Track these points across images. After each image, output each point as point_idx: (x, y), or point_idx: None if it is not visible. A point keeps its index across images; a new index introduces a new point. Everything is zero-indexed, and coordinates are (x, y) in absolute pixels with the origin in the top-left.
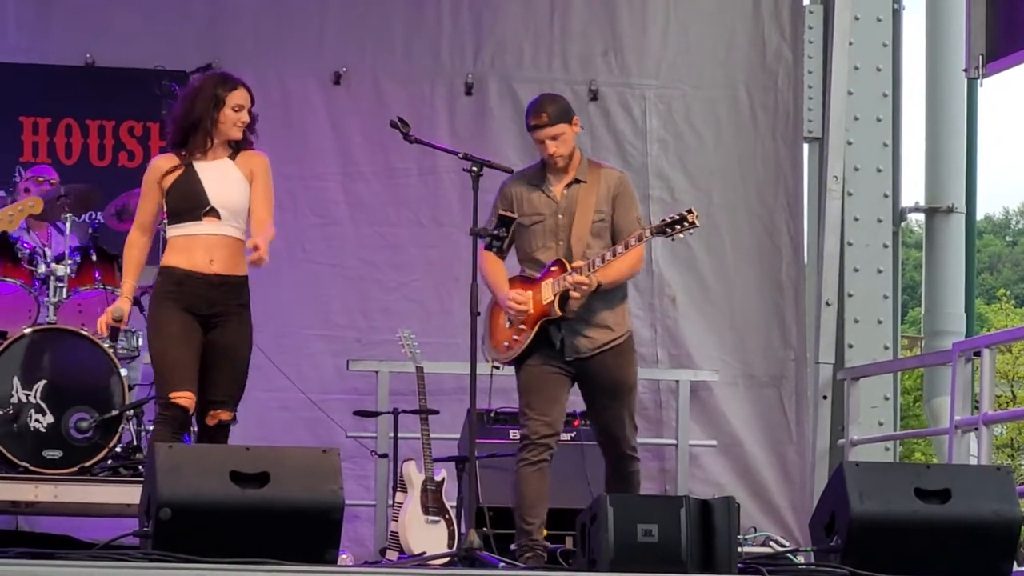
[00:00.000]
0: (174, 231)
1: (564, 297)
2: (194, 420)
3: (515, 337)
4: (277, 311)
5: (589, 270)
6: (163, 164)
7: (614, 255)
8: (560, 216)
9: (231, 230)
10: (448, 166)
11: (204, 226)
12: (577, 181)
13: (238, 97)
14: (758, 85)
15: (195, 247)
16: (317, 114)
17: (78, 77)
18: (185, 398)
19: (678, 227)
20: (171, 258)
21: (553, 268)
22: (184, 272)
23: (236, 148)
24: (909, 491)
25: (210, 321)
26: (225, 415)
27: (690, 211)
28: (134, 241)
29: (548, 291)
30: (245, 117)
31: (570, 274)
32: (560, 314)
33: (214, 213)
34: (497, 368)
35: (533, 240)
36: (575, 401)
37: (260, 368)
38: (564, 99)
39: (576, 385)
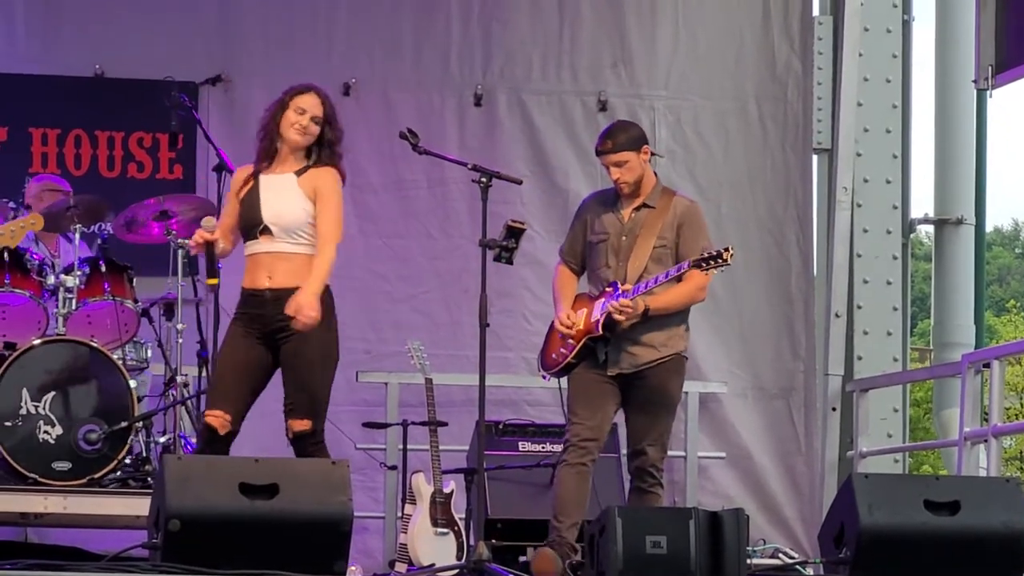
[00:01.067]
0: (246, 250)
1: (609, 316)
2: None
3: (562, 350)
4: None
5: (638, 295)
6: (240, 175)
7: (656, 282)
8: (623, 237)
9: (287, 246)
10: (457, 177)
11: (261, 244)
12: (646, 206)
13: (302, 101)
14: (767, 96)
15: (256, 265)
16: None
17: (87, 88)
18: (215, 417)
19: (713, 263)
20: (243, 278)
21: (608, 288)
22: (246, 292)
23: (307, 164)
24: (918, 503)
25: (276, 337)
26: (297, 424)
27: (727, 248)
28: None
29: (598, 310)
30: (305, 121)
31: (619, 296)
32: (601, 333)
33: (267, 231)
34: (545, 378)
35: (597, 258)
36: None
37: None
38: (637, 127)
39: (622, 396)
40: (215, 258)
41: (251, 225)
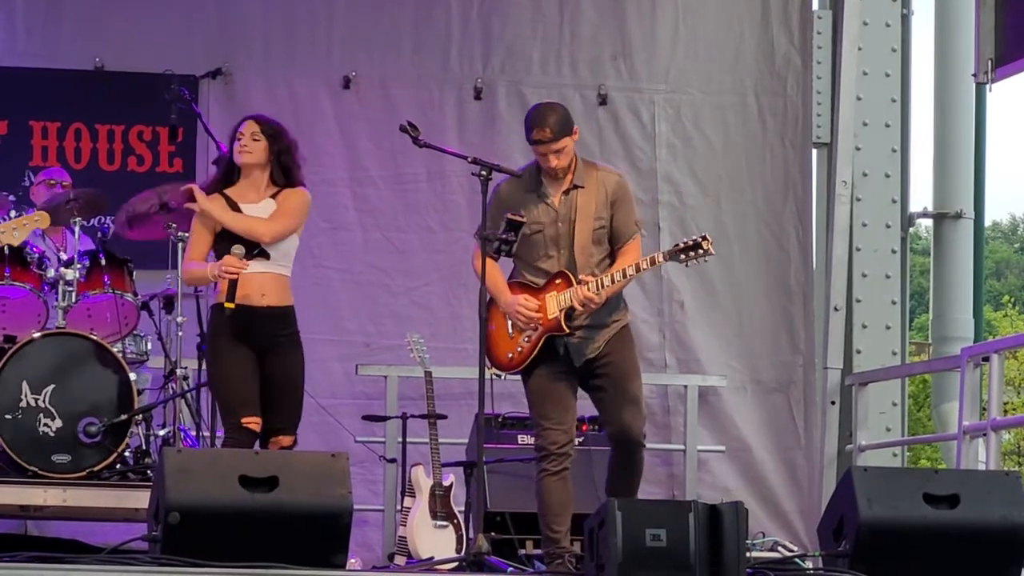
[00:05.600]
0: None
1: (570, 311)
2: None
3: (519, 349)
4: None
5: (599, 288)
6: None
7: (624, 276)
8: (560, 224)
9: (280, 268)
10: (457, 171)
11: (254, 265)
12: (575, 187)
13: (241, 128)
14: (767, 90)
15: (246, 285)
16: (326, 119)
17: (87, 81)
18: (254, 422)
19: (692, 254)
20: (225, 293)
21: (558, 281)
22: (237, 306)
23: (280, 186)
24: (918, 496)
25: (265, 351)
26: (286, 440)
27: (705, 237)
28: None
29: (553, 305)
30: (245, 141)
31: (579, 289)
32: (568, 330)
33: (264, 254)
34: (498, 376)
35: (535, 249)
36: (583, 405)
37: None
38: (564, 109)
39: (581, 383)
40: (236, 285)
41: (247, 246)
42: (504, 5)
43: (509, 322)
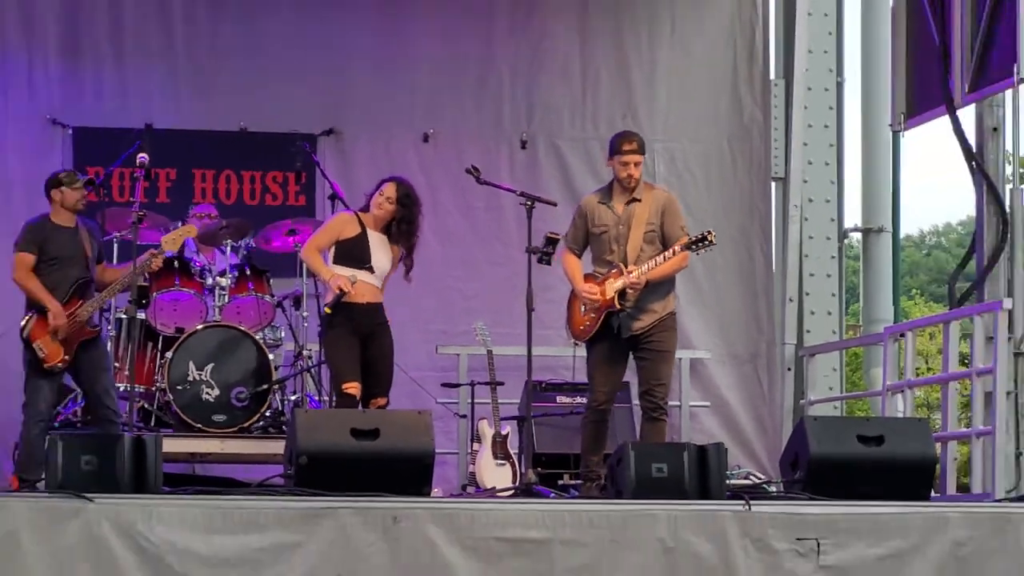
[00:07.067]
0: (341, 270)
1: (622, 292)
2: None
3: (587, 322)
4: (387, 314)
5: (640, 274)
6: (346, 218)
7: (656, 264)
8: (620, 227)
9: (376, 280)
10: (510, 203)
11: (361, 274)
12: (635, 200)
13: (385, 187)
14: (737, 138)
15: (355, 289)
16: (412, 166)
17: (234, 139)
18: (354, 387)
19: (701, 244)
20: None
21: (613, 271)
22: (351, 305)
23: (391, 233)
24: (853, 437)
25: (367, 336)
26: (382, 401)
27: (710, 232)
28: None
29: (610, 289)
30: (380, 200)
31: (626, 276)
32: (620, 307)
33: (370, 269)
34: (576, 345)
35: (601, 246)
36: None
37: None
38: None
39: (631, 353)
40: (341, 299)
41: (361, 260)
42: (542, 75)
43: (581, 303)
